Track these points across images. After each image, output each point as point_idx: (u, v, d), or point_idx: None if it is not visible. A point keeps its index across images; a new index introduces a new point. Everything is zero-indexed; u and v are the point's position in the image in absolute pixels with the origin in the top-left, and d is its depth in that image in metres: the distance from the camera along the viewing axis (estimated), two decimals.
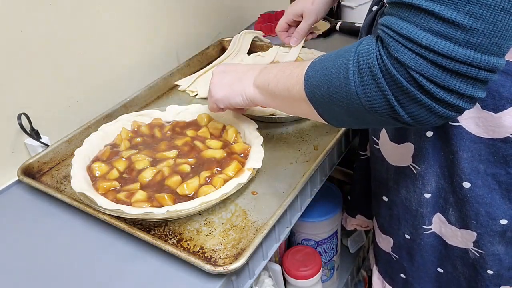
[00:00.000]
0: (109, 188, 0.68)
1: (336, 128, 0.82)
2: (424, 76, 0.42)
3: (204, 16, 1.20)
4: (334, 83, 0.48)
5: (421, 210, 0.67)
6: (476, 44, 0.40)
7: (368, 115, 0.48)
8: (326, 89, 0.50)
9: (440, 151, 0.61)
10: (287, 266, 0.84)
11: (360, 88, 0.46)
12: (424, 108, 0.44)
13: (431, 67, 0.41)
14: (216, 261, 0.58)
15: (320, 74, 0.51)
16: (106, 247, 0.64)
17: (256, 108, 0.82)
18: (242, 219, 0.65)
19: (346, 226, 0.99)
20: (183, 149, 0.74)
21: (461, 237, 0.66)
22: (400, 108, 0.45)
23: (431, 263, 0.72)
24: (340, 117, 0.53)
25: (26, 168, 0.76)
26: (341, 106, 0.49)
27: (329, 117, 0.54)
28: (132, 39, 1.00)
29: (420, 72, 0.42)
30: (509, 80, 0.51)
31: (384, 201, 0.73)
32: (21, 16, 0.77)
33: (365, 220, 0.95)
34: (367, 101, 0.46)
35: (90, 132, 0.80)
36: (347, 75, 0.46)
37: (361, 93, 0.46)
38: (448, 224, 0.66)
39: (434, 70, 0.41)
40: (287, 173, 0.73)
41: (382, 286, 0.85)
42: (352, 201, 0.94)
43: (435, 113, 0.44)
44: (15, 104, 0.79)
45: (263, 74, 0.63)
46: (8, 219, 0.71)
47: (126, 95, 0.95)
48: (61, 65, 0.86)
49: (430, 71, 0.41)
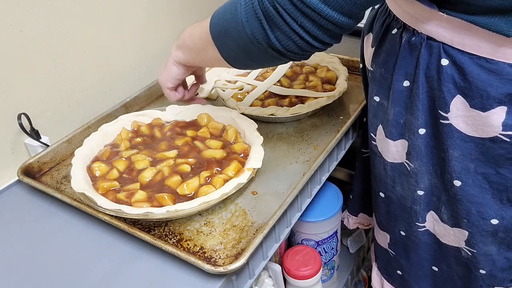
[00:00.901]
0: (109, 188, 0.68)
1: (336, 128, 0.82)
2: (283, 8, 0.50)
3: (204, 16, 1.19)
4: (228, 17, 0.56)
5: (415, 208, 0.68)
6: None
7: (253, 46, 0.55)
8: (222, 25, 0.58)
9: (432, 149, 0.61)
10: (287, 266, 0.84)
11: (244, 17, 0.53)
12: (286, 35, 0.52)
13: (288, 3, 0.49)
14: (216, 261, 0.59)
15: (219, 14, 0.59)
16: (106, 247, 0.64)
17: (256, 108, 0.82)
18: (242, 219, 0.65)
19: (348, 225, 0.99)
20: (183, 149, 0.74)
21: (453, 235, 0.66)
22: (271, 34, 0.52)
23: (426, 260, 0.73)
24: (235, 54, 0.59)
25: (26, 168, 0.76)
26: (234, 40, 0.57)
27: (228, 56, 0.61)
28: (132, 39, 1.00)
29: (280, 4, 0.50)
30: (497, 79, 0.51)
31: (381, 197, 0.74)
32: (21, 16, 0.77)
33: (367, 218, 0.96)
34: (249, 29, 0.53)
35: (90, 132, 0.80)
36: (236, 8, 0.55)
37: (245, 22, 0.53)
38: (441, 222, 0.66)
39: (290, 6, 0.49)
40: (287, 173, 0.73)
41: (381, 282, 0.85)
42: (354, 199, 0.94)
43: (293, 41, 0.52)
44: (15, 104, 0.79)
45: (181, 36, 0.71)
46: (8, 219, 0.71)
47: (126, 95, 0.95)
48: (61, 65, 0.86)
49: (287, 6, 0.50)
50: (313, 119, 0.86)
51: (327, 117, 0.86)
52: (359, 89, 0.93)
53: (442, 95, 0.56)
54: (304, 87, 0.88)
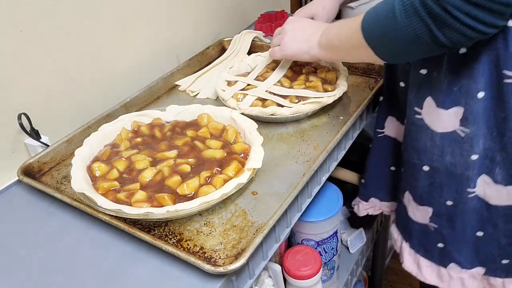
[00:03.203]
0: (109, 188, 0.68)
1: (336, 128, 0.82)
2: (452, 5, 0.52)
3: (204, 16, 1.20)
4: (384, 23, 0.60)
5: (467, 173, 0.70)
6: None
7: (416, 45, 0.58)
8: (379, 30, 0.62)
9: (489, 111, 0.64)
10: (287, 266, 0.84)
11: (405, 21, 0.56)
12: (456, 31, 0.54)
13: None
14: (216, 261, 0.59)
15: (374, 19, 0.63)
16: (106, 247, 0.64)
17: (256, 108, 0.82)
18: (242, 219, 0.65)
19: (358, 212, 1.00)
20: (183, 149, 0.74)
21: (506, 194, 0.68)
22: (438, 32, 0.55)
23: (471, 227, 0.74)
24: (392, 51, 0.64)
25: (26, 168, 0.76)
26: (393, 41, 0.60)
27: (384, 55, 0.65)
28: (132, 39, 1.00)
29: (449, 2, 0.52)
30: None
31: (424, 171, 0.75)
32: (21, 16, 0.77)
33: (378, 203, 0.96)
34: (412, 30, 0.56)
35: (90, 132, 0.80)
36: (394, 13, 0.57)
37: (406, 25, 0.57)
38: (494, 184, 0.69)
39: (459, 2, 0.51)
40: (287, 173, 0.73)
41: (415, 260, 0.85)
42: (367, 184, 0.95)
43: (464, 34, 0.54)
44: (15, 104, 0.79)
45: (325, 36, 0.78)
46: (8, 219, 0.71)
47: (126, 95, 0.95)
48: (61, 65, 0.86)
49: (456, 2, 0.52)
50: (313, 119, 0.86)
51: (327, 117, 0.86)
52: (359, 89, 0.93)
53: (509, 55, 0.59)
54: (304, 87, 0.88)
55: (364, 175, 0.95)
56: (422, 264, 0.83)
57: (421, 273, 0.84)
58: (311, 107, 0.82)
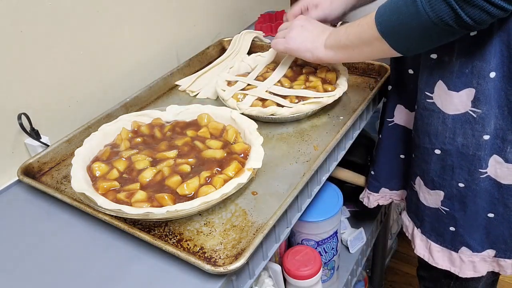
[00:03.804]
0: (109, 188, 0.68)
1: (336, 128, 0.82)
2: None
3: (204, 16, 1.20)
4: (403, 10, 0.61)
5: (479, 154, 0.71)
6: None
7: (437, 29, 0.59)
8: (396, 20, 0.63)
9: (500, 91, 0.66)
10: (287, 266, 0.84)
11: (427, 5, 0.58)
12: (479, 8, 0.55)
13: None
14: (216, 261, 0.59)
15: (390, 11, 0.64)
16: (106, 247, 0.64)
17: (256, 108, 0.82)
18: (242, 219, 0.65)
19: (369, 204, 1.00)
20: (183, 149, 0.74)
21: None
22: (462, 12, 0.56)
23: (483, 209, 0.76)
24: (409, 41, 0.64)
25: (26, 168, 0.76)
26: (411, 28, 0.61)
27: (398, 45, 0.66)
28: (132, 39, 1.00)
29: None
30: None
31: (436, 154, 0.76)
32: (21, 16, 0.77)
33: (388, 192, 0.97)
34: (434, 14, 0.57)
35: (90, 132, 0.80)
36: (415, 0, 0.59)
37: (428, 10, 0.58)
38: (505, 163, 0.70)
39: None
40: (287, 173, 0.73)
41: (427, 246, 0.86)
42: (377, 175, 0.95)
43: (487, 11, 0.55)
44: (15, 104, 0.79)
45: (333, 36, 0.79)
46: (8, 219, 0.71)
47: (126, 95, 0.95)
48: (61, 65, 0.86)
49: None
50: (313, 119, 0.86)
51: (327, 117, 0.86)
52: (359, 89, 0.93)
53: None
54: (304, 87, 0.88)
55: (373, 167, 0.96)
56: (434, 249, 0.84)
57: (433, 258, 0.85)
58: (311, 107, 0.82)
